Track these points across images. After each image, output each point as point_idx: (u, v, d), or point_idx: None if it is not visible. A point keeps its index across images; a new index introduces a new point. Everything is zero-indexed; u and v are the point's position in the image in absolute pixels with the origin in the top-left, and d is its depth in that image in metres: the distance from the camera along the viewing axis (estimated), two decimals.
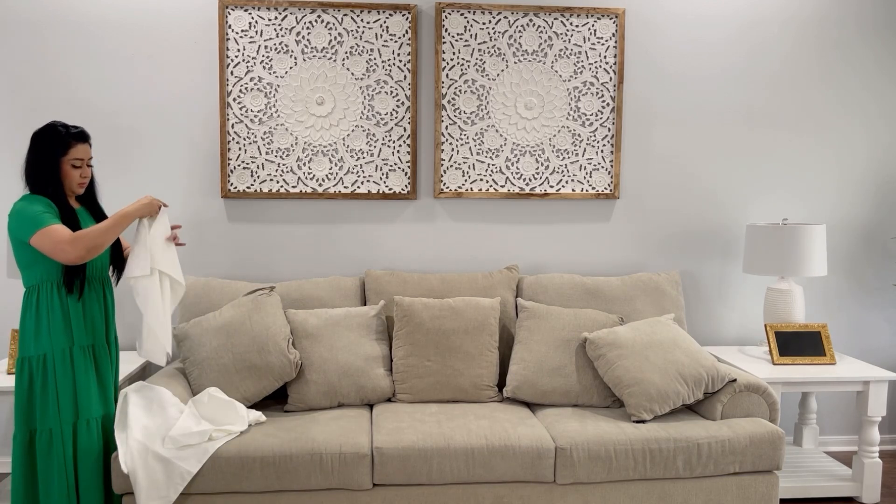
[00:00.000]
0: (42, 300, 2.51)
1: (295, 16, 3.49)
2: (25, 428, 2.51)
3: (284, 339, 3.04)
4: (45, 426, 2.50)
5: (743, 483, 2.85)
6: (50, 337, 2.51)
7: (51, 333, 2.51)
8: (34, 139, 2.54)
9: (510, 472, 2.74)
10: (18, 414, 2.52)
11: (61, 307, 2.52)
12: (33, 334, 2.51)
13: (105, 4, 3.43)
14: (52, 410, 2.50)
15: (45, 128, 2.55)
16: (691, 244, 3.80)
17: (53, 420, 2.50)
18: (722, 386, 2.97)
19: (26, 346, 2.52)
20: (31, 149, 2.54)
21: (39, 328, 2.51)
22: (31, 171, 2.53)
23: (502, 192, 3.66)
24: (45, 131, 2.54)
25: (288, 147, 3.54)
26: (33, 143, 2.54)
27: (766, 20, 3.73)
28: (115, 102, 3.48)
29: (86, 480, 2.54)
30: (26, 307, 2.53)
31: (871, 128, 3.84)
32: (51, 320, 2.51)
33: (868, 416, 3.26)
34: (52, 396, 2.50)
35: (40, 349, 2.50)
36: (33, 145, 2.54)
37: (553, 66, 3.62)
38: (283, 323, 3.10)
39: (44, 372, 2.50)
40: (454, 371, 3.14)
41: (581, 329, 3.19)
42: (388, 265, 3.66)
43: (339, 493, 2.70)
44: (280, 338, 3.03)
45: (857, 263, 3.90)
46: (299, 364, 3.05)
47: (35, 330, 2.51)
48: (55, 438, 2.50)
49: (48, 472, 2.50)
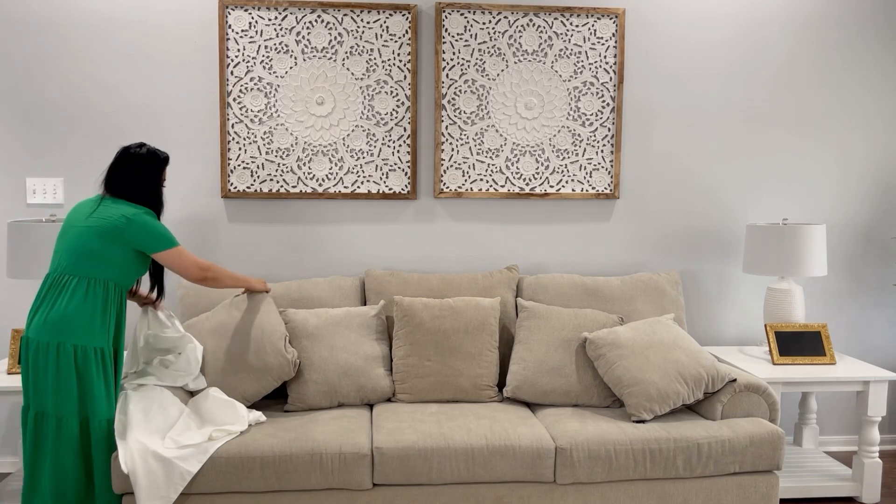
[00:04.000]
0: (110, 296, 2.64)
1: (295, 16, 3.49)
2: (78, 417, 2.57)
3: (281, 339, 3.04)
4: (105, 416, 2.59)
5: (743, 483, 2.85)
6: (108, 332, 2.64)
7: (109, 329, 2.64)
8: (140, 159, 2.75)
9: (510, 472, 2.75)
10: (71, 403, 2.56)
11: (118, 309, 2.70)
12: (98, 325, 2.60)
13: (105, 4, 3.43)
14: (112, 401, 2.64)
15: (148, 151, 2.77)
16: (691, 244, 3.80)
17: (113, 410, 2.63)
18: (722, 386, 2.97)
19: (78, 334, 2.56)
20: (138, 167, 2.74)
21: (105, 321, 2.62)
22: (141, 188, 2.75)
23: (502, 192, 3.66)
24: (150, 154, 2.77)
25: (288, 147, 3.54)
26: (139, 162, 2.75)
27: (765, 20, 3.73)
28: (115, 102, 3.48)
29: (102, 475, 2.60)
30: (85, 296, 2.59)
31: (871, 128, 3.84)
32: (110, 318, 2.65)
33: (868, 416, 3.26)
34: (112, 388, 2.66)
35: (100, 342, 2.60)
36: (140, 164, 2.75)
37: (553, 66, 3.62)
38: (277, 321, 3.09)
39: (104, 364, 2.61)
40: (454, 371, 3.14)
41: (581, 329, 3.19)
42: (388, 265, 3.66)
43: (339, 493, 2.70)
44: (276, 337, 3.03)
45: (857, 263, 3.90)
46: (297, 363, 3.05)
47: (102, 322, 2.61)
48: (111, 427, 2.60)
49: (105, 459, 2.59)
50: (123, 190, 2.73)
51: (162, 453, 2.55)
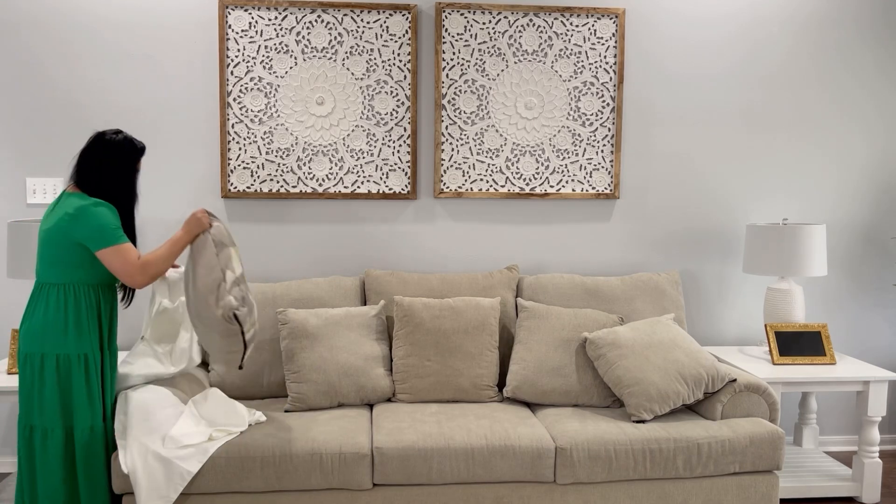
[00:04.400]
0: (81, 300, 2.53)
1: (295, 16, 3.49)
2: (63, 427, 2.53)
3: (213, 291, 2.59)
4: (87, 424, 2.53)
5: (743, 483, 2.85)
6: (90, 337, 2.54)
7: (90, 334, 2.54)
8: (109, 146, 2.57)
9: (510, 472, 2.75)
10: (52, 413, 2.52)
11: (98, 310, 2.58)
12: (72, 332, 2.51)
13: (105, 4, 3.43)
14: (97, 408, 2.56)
15: (120, 139, 2.60)
16: (691, 244, 3.80)
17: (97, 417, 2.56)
18: (722, 386, 2.97)
19: (58, 344, 2.50)
20: (105, 155, 2.56)
21: (80, 327, 2.52)
22: (106, 178, 2.56)
23: (502, 192, 3.66)
24: (122, 142, 2.59)
25: (288, 147, 3.54)
26: (108, 150, 2.57)
27: (765, 20, 3.73)
28: (115, 102, 3.47)
29: (92, 482, 2.55)
30: (58, 304, 2.51)
31: (871, 128, 3.84)
32: (90, 320, 2.54)
33: (868, 416, 3.26)
34: (97, 395, 2.57)
35: (82, 348, 2.52)
36: (109, 152, 2.57)
37: (553, 66, 3.62)
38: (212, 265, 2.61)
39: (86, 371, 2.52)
40: (454, 371, 3.14)
41: (581, 329, 3.19)
42: (388, 265, 3.66)
43: (339, 493, 2.70)
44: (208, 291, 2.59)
45: (856, 263, 3.90)
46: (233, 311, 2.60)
47: (76, 328, 2.51)
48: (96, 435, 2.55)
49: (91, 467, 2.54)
50: (86, 180, 2.56)
51: (162, 453, 2.55)
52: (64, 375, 2.51)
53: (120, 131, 2.64)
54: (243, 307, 2.63)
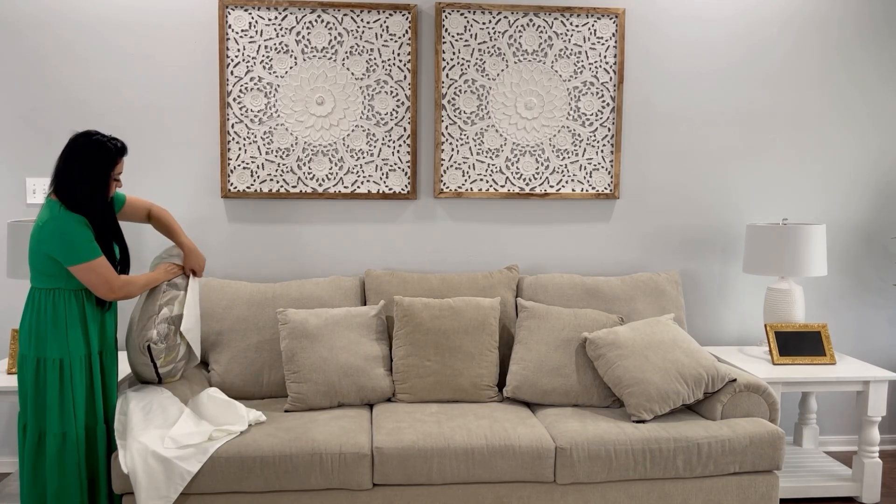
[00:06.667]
0: (59, 305, 2.51)
1: (295, 16, 3.49)
2: (36, 429, 2.52)
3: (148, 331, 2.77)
4: (58, 430, 2.51)
5: (743, 483, 2.85)
6: (68, 342, 2.51)
7: (69, 339, 2.51)
8: (80, 151, 2.46)
9: (510, 472, 2.75)
10: (31, 414, 2.52)
11: (80, 314, 2.55)
12: (52, 337, 2.50)
13: (105, 4, 3.43)
14: (68, 414, 2.51)
15: (92, 141, 2.47)
16: (691, 244, 3.80)
17: (69, 424, 2.52)
18: (722, 386, 2.97)
19: (40, 347, 2.50)
20: (76, 161, 2.45)
21: (58, 332, 2.50)
22: (76, 185, 2.45)
23: (502, 192, 3.66)
24: (93, 145, 2.46)
25: (288, 147, 3.54)
26: (79, 155, 2.46)
27: (766, 20, 3.73)
28: (115, 102, 3.47)
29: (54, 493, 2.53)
30: (40, 308, 2.52)
31: (871, 128, 3.84)
32: (70, 326, 2.52)
33: (868, 416, 3.26)
34: (69, 401, 2.51)
35: (60, 353, 2.50)
36: (79, 158, 2.46)
37: (553, 66, 3.62)
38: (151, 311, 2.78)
39: (61, 376, 2.50)
40: (454, 371, 3.14)
41: (581, 329, 3.19)
42: (388, 265, 3.66)
43: (339, 493, 2.70)
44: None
45: (857, 263, 3.90)
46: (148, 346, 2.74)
47: (54, 333, 2.50)
48: (69, 442, 2.51)
49: (61, 474, 2.50)
50: (58, 188, 2.47)
51: (162, 453, 2.55)
52: (41, 379, 2.51)
53: (92, 133, 2.52)
54: (161, 343, 2.75)
